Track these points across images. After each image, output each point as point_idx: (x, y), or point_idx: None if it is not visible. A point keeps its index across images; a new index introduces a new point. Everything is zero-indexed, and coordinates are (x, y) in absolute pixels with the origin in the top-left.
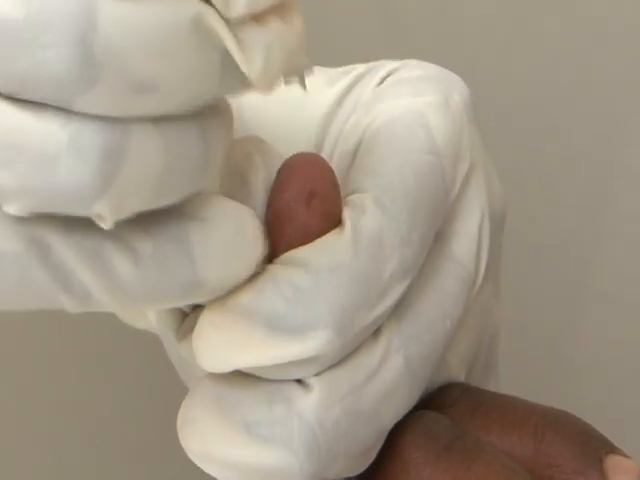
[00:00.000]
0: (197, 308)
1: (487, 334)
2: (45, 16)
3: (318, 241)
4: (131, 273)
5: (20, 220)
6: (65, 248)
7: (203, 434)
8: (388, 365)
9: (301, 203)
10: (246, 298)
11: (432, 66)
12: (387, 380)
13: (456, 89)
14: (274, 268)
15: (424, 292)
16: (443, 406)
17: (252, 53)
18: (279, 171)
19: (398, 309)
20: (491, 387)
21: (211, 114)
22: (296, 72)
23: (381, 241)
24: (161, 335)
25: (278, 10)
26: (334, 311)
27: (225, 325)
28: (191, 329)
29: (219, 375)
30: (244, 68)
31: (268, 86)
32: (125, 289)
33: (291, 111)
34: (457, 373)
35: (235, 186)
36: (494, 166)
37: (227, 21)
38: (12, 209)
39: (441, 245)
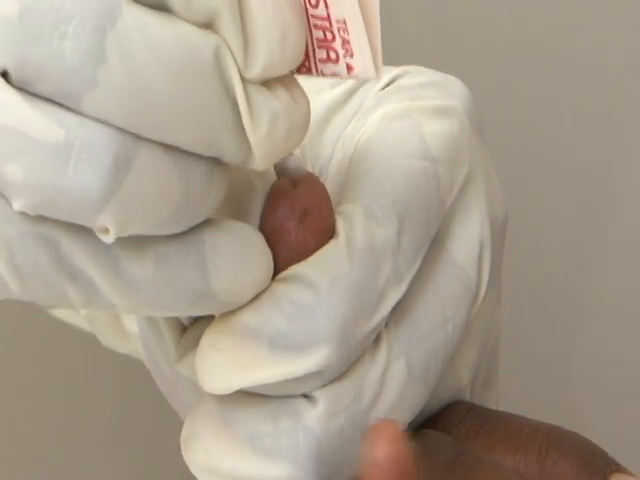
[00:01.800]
0: (197, 322)
1: (490, 343)
2: (69, 8)
3: (315, 256)
4: (140, 272)
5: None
6: (72, 242)
7: (208, 449)
8: (390, 371)
9: (294, 221)
10: (248, 317)
11: (434, 72)
12: (390, 386)
13: (456, 95)
14: (274, 286)
15: (423, 297)
16: (449, 424)
17: (259, 115)
18: (270, 191)
19: (396, 315)
20: (492, 397)
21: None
22: (290, 154)
23: (373, 250)
24: (148, 359)
25: (287, 84)
26: (336, 324)
27: (228, 346)
28: (191, 346)
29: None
30: (248, 126)
31: (266, 156)
32: (133, 288)
33: None
34: (467, 383)
35: (234, 209)
36: (496, 172)
37: (242, 78)
38: (17, 205)
39: (440, 250)
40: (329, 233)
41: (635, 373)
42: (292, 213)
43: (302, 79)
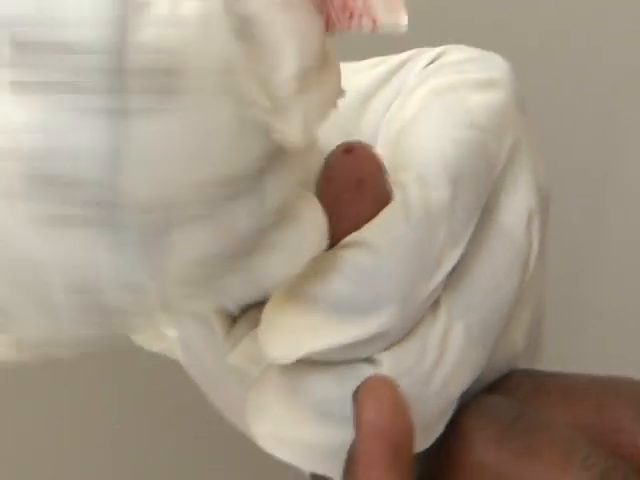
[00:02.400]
0: (245, 313)
1: (538, 314)
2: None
3: (373, 221)
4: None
5: None
6: None
7: (275, 419)
8: (450, 334)
9: (351, 190)
10: (311, 285)
11: (474, 49)
12: (450, 349)
13: (498, 68)
14: (334, 252)
15: (476, 263)
16: (507, 390)
17: (292, 120)
18: (325, 163)
19: (453, 280)
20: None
21: (271, 169)
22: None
23: (429, 213)
24: (189, 358)
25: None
26: (397, 285)
27: (292, 313)
28: (240, 338)
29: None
30: (283, 134)
31: (305, 138)
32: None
33: None
34: (521, 350)
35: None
36: (538, 146)
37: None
38: None
39: (489, 218)
40: (385, 200)
41: (637, 373)
42: (349, 182)
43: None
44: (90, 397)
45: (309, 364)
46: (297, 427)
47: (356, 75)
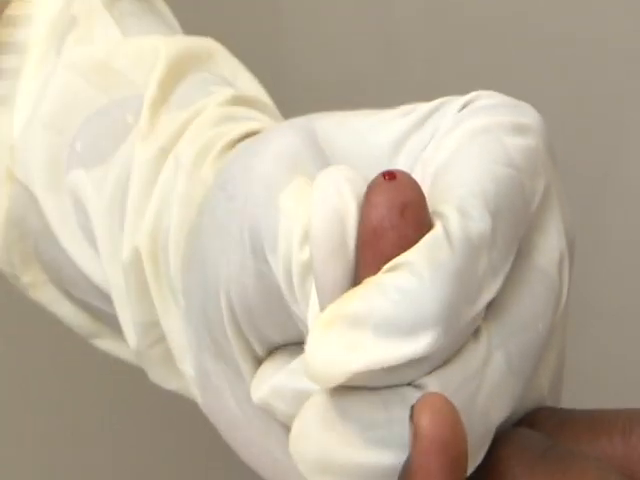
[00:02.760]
0: (272, 355)
1: (561, 361)
2: None
3: (417, 245)
4: None
5: None
6: None
7: (320, 444)
8: (491, 363)
9: (395, 215)
10: (353, 306)
11: (505, 96)
12: (491, 377)
13: (530, 115)
14: (379, 276)
15: (514, 297)
16: (534, 424)
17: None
18: (367, 190)
19: (492, 311)
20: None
21: None
22: None
23: (470, 241)
24: (207, 399)
25: None
26: (441, 308)
27: (335, 335)
28: (266, 380)
29: (330, 389)
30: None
31: None
32: None
33: (362, 138)
34: (547, 393)
35: None
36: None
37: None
38: None
39: (524, 257)
40: (427, 226)
41: (637, 373)
42: (393, 207)
43: (370, 111)
44: (89, 397)
45: (353, 389)
46: (343, 453)
47: (385, 125)
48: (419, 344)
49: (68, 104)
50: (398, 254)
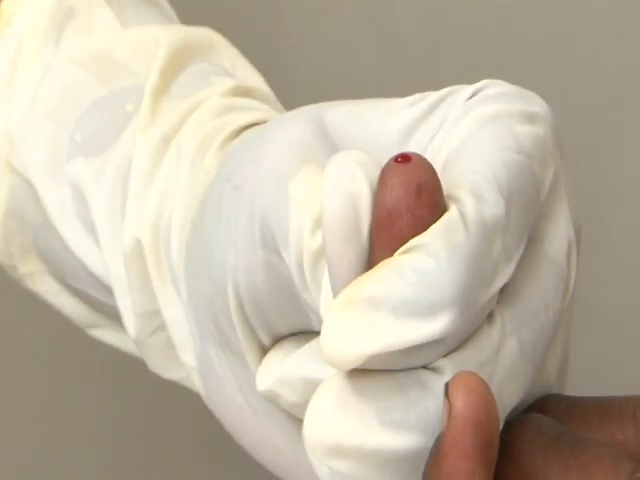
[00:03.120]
0: (277, 345)
1: (566, 351)
2: None
3: (432, 227)
4: None
5: None
6: None
7: (335, 427)
8: (504, 347)
9: (411, 197)
10: (372, 288)
11: (512, 85)
12: (505, 362)
13: (539, 104)
14: (395, 258)
15: (526, 284)
16: (543, 411)
17: None
18: (382, 173)
19: (505, 297)
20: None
21: None
22: None
23: (485, 223)
24: (209, 390)
25: None
26: (458, 290)
27: (352, 317)
28: (271, 371)
29: (345, 373)
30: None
31: None
32: None
33: (372, 127)
34: (555, 381)
35: None
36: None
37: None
38: None
39: (534, 244)
40: (442, 208)
41: (637, 373)
42: (408, 190)
43: (379, 100)
44: (90, 396)
45: (368, 372)
46: (359, 435)
47: (394, 116)
48: (437, 325)
49: (68, 95)
50: (413, 237)
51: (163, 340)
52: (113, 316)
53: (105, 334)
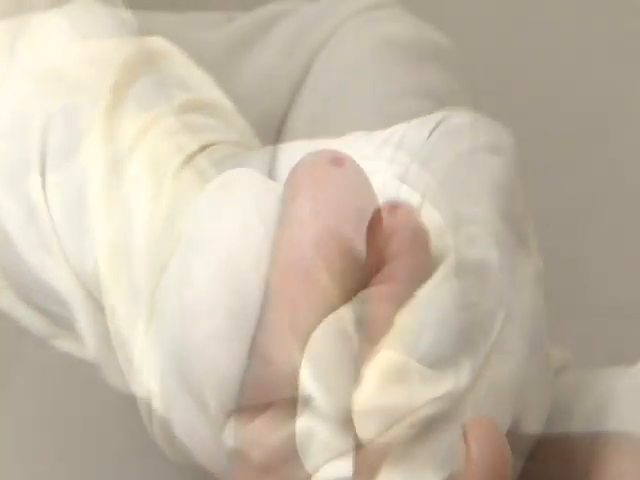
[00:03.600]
0: (265, 411)
1: None
2: None
3: (430, 281)
4: None
5: None
6: None
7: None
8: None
9: (407, 241)
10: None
11: (471, 113)
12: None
13: (501, 133)
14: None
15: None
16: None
17: None
18: (370, 220)
19: None
20: None
21: None
22: None
23: (480, 273)
24: (188, 440)
25: None
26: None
27: (389, 392)
28: (266, 434)
29: None
30: None
31: None
32: None
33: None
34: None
35: None
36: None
37: None
38: None
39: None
40: (430, 257)
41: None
42: (405, 235)
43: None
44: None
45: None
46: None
47: (363, 162)
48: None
49: (22, 111)
50: (411, 281)
51: (123, 358)
52: (72, 328)
53: (65, 344)
